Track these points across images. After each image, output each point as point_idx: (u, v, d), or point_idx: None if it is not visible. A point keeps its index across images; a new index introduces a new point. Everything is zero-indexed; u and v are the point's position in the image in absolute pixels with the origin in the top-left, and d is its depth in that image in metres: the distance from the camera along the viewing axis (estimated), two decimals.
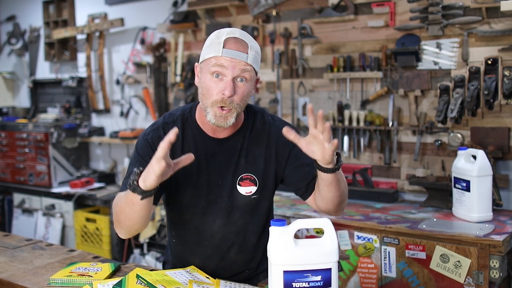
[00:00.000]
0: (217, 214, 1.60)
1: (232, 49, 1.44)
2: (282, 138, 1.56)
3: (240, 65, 1.45)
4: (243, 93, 1.47)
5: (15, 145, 4.27)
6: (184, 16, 3.75)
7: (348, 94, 3.11)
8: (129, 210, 1.42)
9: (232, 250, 1.64)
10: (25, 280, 1.60)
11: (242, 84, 1.47)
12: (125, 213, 1.44)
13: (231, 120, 1.48)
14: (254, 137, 1.60)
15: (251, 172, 1.59)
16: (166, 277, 1.49)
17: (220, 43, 1.45)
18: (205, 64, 1.48)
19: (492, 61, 2.61)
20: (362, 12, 3.04)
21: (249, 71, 1.47)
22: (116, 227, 1.52)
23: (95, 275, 1.58)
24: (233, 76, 1.45)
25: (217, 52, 1.45)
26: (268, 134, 1.61)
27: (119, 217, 1.48)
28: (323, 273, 1.26)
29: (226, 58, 1.44)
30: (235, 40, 1.46)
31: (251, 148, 1.59)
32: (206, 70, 1.47)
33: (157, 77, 3.93)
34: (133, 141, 4.01)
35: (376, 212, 2.65)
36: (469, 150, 2.46)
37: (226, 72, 1.44)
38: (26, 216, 4.22)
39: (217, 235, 1.62)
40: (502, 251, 2.12)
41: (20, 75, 5.03)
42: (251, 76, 1.48)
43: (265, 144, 1.60)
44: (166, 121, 1.59)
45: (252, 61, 1.47)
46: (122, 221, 1.47)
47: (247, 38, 1.49)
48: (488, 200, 2.40)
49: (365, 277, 2.47)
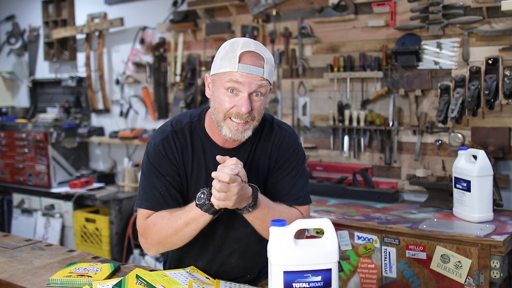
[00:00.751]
0: (219, 221, 1.57)
1: (248, 64, 1.41)
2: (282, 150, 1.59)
3: (256, 80, 1.41)
4: (259, 107, 1.45)
5: (14, 145, 4.26)
6: (183, 16, 3.74)
7: (348, 94, 3.11)
8: (189, 229, 1.43)
9: (233, 256, 1.63)
10: (25, 280, 1.60)
11: (258, 98, 1.44)
12: (181, 233, 1.44)
13: (248, 133, 1.47)
14: (261, 146, 1.59)
15: (254, 182, 1.55)
16: (166, 277, 1.49)
17: (235, 56, 1.41)
18: (219, 77, 1.44)
19: (492, 60, 2.60)
20: (362, 11, 3.04)
21: (265, 85, 1.44)
22: (151, 246, 1.51)
23: (94, 275, 1.58)
24: (250, 91, 1.42)
25: (233, 67, 1.41)
26: (272, 144, 1.59)
27: (167, 240, 1.47)
28: (323, 274, 1.25)
29: (242, 74, 1.40)
30: (251, 54, 1.42)
31: (256, 158, 1.58)
32: (220, 84, 1.44)
33: (156, 77, 3.92)
34: (132, 141, 4.00)
35: (377, 212, 2.64)
36: (469, 150, 2.45)
37: (242, 88, 1.41)
38: (26, 216, 4.21)
39: (219, 240, 1.61)
40: (502, 251, 2.12)
41: (19, 75, 5.02)
42: (267, 90, 1.46)
43: (269, 154, 1.59)
44: (174, 128, 1.56)
45: (268, 75, 1.45)
46: (172, 242, 1.47)
47: (262, 51, 1.45)
48: (489, 200, 2.39)
49: (365, 278, 2.46)
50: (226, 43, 1.48)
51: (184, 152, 1.54)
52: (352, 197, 2.92)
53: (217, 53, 1.50)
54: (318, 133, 3.28)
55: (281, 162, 1.59)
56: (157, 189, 1.52)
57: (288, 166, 1.59)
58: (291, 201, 1.58)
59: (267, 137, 1.60)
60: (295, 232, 1.29)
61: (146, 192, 1.53)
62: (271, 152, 1.59)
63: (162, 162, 1.52)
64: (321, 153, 3.26)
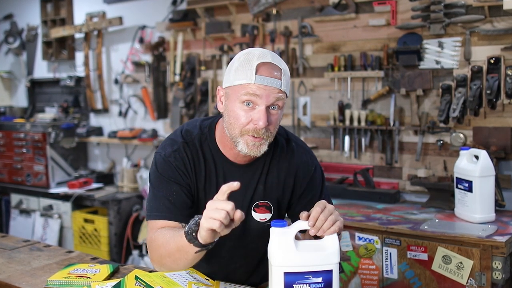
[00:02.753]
0: (228, 237, 1.49)
1: (266, 76, 1.35)
2: (302, 169, 1.54)
3: (274, 93, 1.35)
4: (276, 120, 1.40)
5: (12, 145, 4.25)
6: (183, 15, 3.73)
7: (349, 93, 3.10)
8: (180, 256, 1.33)
9: (238, 270, 1.61)
10: (23, 281, 1.59)
11: (275, 111, 1.38)
12: (174, 258, 1.35)
13: (263, 148, 1.40)
14: (275, 164, 1.54)
15: (268, 199, 1.53)
16: (165, 278, 1.48)
17: (251, 68, 1.35)
18: (234, 90, 1.38)
19: (494, 60, 2.59)
20: (363, 10, 3.03)
21: (282, 98, 1.38)
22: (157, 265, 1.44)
23: (93, 276, 1.57)
24: (267, 105, 1.36)
25: (250, 80, 1.34)
26: (289, 162, 1.54)
27: (163, 260, 1.39)
28: (324, 275, 1.25)
29: (259, 86, 1.34)
30: (268, 66, 1.36)
31: (271, 175, 1.53)
32: (235, 98, 1.37)
33: (156, 77, 3.91)
34: (131, 141, 3.99)
35: (378, 213, 2.63)
36: (471, 150, 2.44)
37: (259, 101, 1.35)
38: (24, 217, 4.20)
39: (226, 255, 1.58)
40: (504, 252, 2.10)
41: (17, 74, 5.00)
42: (284, 103, 1.40)
43: (285, 172, 1.54)
44: (185, 140, 1.49)
45: (285, 87, 1.39)
46: (168, 264, 1.39)
47: (279, 62, 1.39)
48: (491, 201, 2.38)
49: (366, 279, 2.45)
50: (240, 54, 1.42)
51: (196, 164, 1.48)
52: (353, 198, 2.91)
53: (229, 64, 1.44)
54: (319, 133, 3.27)
55: (306, 182, 1.55)
56: (167, 198, 1.45)
57: (312, 186, 1.55)
58: None
59: (283, 154, 1.54)
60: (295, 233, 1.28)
61: (156, 202, 1.46)
62: (289, 170, 1.54)
63: (173, 173, 1.46)
64: (321, 153, 3.24)
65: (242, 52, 1.43)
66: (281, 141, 1.55)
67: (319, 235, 1.28)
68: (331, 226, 1.26)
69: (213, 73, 3.64)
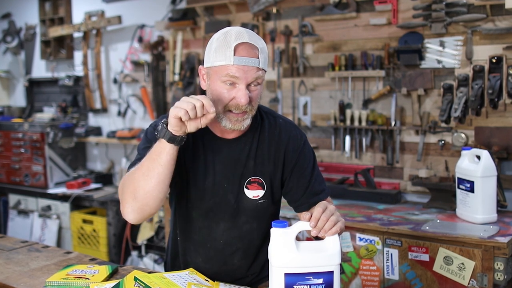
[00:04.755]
0: (221, 218, 1.57)
1: (244, 56, 1.40)
2: (292, 143, 1.58)
3: (253, 72, 1.42)
4: (256, 96, 1.46)
5: (10, 145, 4.24)
6: (182, 14, 3.72)
7: (350, 93, 3.09)
8: (152, 165, 1.37)
9: (235, 255, 1.61)
10: (21, 282, 1.59)
11: (255, 88, 1.45)
12: (148, 173, 1.38)
13: (247, 122, 1.47)
14: (264, 139, 1.57)
15: (259, 175, 1.56)
16: (165, 279, 1.47)
17: (230, 49, 1.40)
18: (214, 71, 1.44)
19: (496, 59, 2.59)
20: (364, 9, 3.02)
21: (261, 75, 1.45)
22: (127, 204, 1.42)
23: (92, 277, 1.57)
24: (247, 83, 1.42)
25: (228, 61, 1.40)
26: (279, 138, 1.58)
27: (134, 190, 1.40)
28: (325, 276, 1.25)
29: (238, 67, 1.40)
30: (246, 46, 1.41)
31: (260, 150, 1.57)
32: (216, 78, 1.44)
33: (155, 76, 3.90)
34: (131, 141, 3.98)
35: (379, 214, 2.62)
36: (473, 150, 2.43)
37: (239, 81, 1.42)
38: (22, 217, 4.19)
39: (220, 238, 1.58)
40: (506, 253, 2.10)
41: (15, 73, 4.99)
42: (263, 79, 1.47)
43: (275, 147, 1.58)
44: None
45: (263, 64, 1.45)
46: (144, 187, 1.39)
47: (256, 40, 1.44)
48: (493, 201, 2.38)
49: (367, 280, 2.44)
50: (218, 34, 1.47)
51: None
52: (353, 198, 2.90)
53: (209, 43, 1.49)
54: (319, 133, 3.26)
55: (296, 155, 1.58)
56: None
57: (303, 160, 1.59)
58: (315, 196, 1.58)
59: (271, 130, 1.59)
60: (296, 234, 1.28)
61: (135, 162, 1.49)
62: (278, 145, 1.58)
63: None
64: (322, 153, 3.23)
65: (220, 31, 1.47)
66: (269, 118, 1.60)
67: (320, 236, 1.29)
68: (333, 226, 1.29)
69: None
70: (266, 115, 1.61)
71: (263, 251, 1.62)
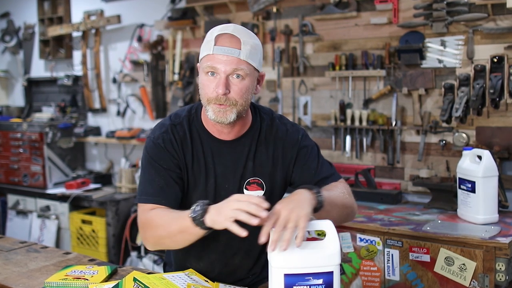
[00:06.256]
0: None
1: (223, 46, 1.41)
2: (289, 139, 1.58)
3: (233, 62, 1.41)
4: (240, 90, 1.43)
5: (9, 145, 4.23)
6: (182, 13, 3.71)
7: (350, 92, 3.08)
8: (182, 237, 1.39)
9: (236, 256, 1.60)
10: (20, 283, 1.58)
11: (238, 81, 1.43)
12: (175, 238, 1.41)
13: (231, 116, 1.44)
14: (262, 140, 1.57)
15: (259, 176, 1.56)
16: (164, 280, 1.47)
17: (211, 40, 1.43)
18: (201, 63, 1.47)
19: (498, 59, 2.58)
20: (364, 8, 3.01)
21: (243, 67, 1.42)
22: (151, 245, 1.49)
23: (91, 278, 1.56)
24: (226, 73, 1.41)
25: (209, 50, 1.42)
26: (275, 137, 1.58)
27: (162, 240, 1.45)
28: (325, 277, 1.24)
29: (217, 56, 1.41)
30: (227, 36, 1.42)
31: (259, 151, 1.56)
32: (201, 70, 1.46)
33: (154, 76, 3.89)
34: (130, 141, 3.97)
35: (379, 214, 2.62)
36: (474, 150, 2.43)
37: (218, 70, 1.42)
38: (21, 217, 4.18)
39: (222, 240, 1.58)
40: (508, 253, 2.09)
41: (14, 73, 4.98)
42: (247, 73, 1.43)
43: (273, 147, 1.58)
44: (173, 122, 1.56)
45: (247, 57, 1.42)
46: (166, 243, 1.47)
47: (240, 33, 1.44)
48: (494, 202, 2.36)
49: (367, 280, 2.43)
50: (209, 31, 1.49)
51: (184, 144, 1.53)
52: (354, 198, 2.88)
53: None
54: (320, 133, 3.25)
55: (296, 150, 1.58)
56: (156, 182, 1.50)
57: (305, 153, 1.58)
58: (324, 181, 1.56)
59: (269, 129, 1.59)
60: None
61: (145, 186, 1.51)
62: (276, 145, 1.57)
63: (161, 155, 1.51)
64: (322, 153, 3.20)
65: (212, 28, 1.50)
66: (267, 120, 1.60)
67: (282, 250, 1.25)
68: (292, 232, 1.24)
69: None
70: (265, 116, 1.61)
71: (265, 252, 1.61)
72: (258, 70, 1.49)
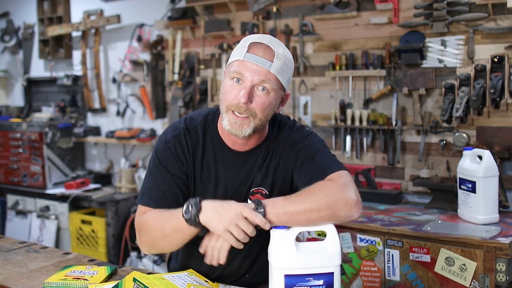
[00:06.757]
0: None
1: (256, 55, 1.37)
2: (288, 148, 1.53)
3: (262, 73, 1.36)
4: (263, 103, 1.38)
5: (8, 145, 4.22)
6: (182, 13, 3.70)
7: (350, 92, 3.08)
8: (176, 237, 1.37)
9: (237, 258, 1.59)
10: (19, 283, 1.58)
11: (263, 93, 1.38)
12: (169, 239, 1.38)
13: (247, 130, 1.40)
14: (271, 151, 1.53)
15: (263, 186, 1.52)
16: (164, 280, 1.46)
17: (245, 47, 1.39)
18: (228, 68, 1.43)
19: (498, 58, 2.58)
20: (365, 8, 3.01)
21: (271, 81, 1.38)
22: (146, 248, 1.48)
23: (90, 278, 1.56)
24: (252, 83, 1.37)
25: (240, 56, 1.38)
26: (277, 146, 1.53)
27: (157, 242, 1.42)
28: (325, 277, 1.24)
29: (247, 63, 1.37)
30: (262, 46, 1.38)
31: (267, 162, 1.53)
32: (227, 74, 1.42)
33: (154, 75, 3.88)
34: (129, 141, 3.96)
35: (379, 214, 2.61)
36: (474, 150, 2.42)
37: (245, 78, 1.37)
38: (20, 218, 4.17)
39: None
40: (508, 254, 2.08)
41: (13, 73, 4.97)
42: (274, 88, 1.39)
43: (277, 157, 1.53)
44: (187, 126, 1.51)
45: (277, 71, 1.38)
46: (161, 245, 1.42)
47: (276, 46, 1.39)
48: (494, 202, 2.36)
49: (368, 281, 2.43)
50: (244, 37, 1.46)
51: (195, 152, 1.50)
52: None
53: None
54: (320, 132, 3.24)
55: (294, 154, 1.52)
56: (159, 187, 1.48)
57: (303, 153, 1.50)
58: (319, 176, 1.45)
59: (277, 139, 1.54)
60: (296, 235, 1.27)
61: (148, 189, 1.49)
62: (279, 153, 1.53)
63: (170, 160, 1.48)
64: None
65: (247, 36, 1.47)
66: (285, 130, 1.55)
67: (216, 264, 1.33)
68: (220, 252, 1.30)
69: (213, 72, 3.61)
70: (284, 126, 1.55)
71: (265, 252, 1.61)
72: (284, 89, 1.44)
